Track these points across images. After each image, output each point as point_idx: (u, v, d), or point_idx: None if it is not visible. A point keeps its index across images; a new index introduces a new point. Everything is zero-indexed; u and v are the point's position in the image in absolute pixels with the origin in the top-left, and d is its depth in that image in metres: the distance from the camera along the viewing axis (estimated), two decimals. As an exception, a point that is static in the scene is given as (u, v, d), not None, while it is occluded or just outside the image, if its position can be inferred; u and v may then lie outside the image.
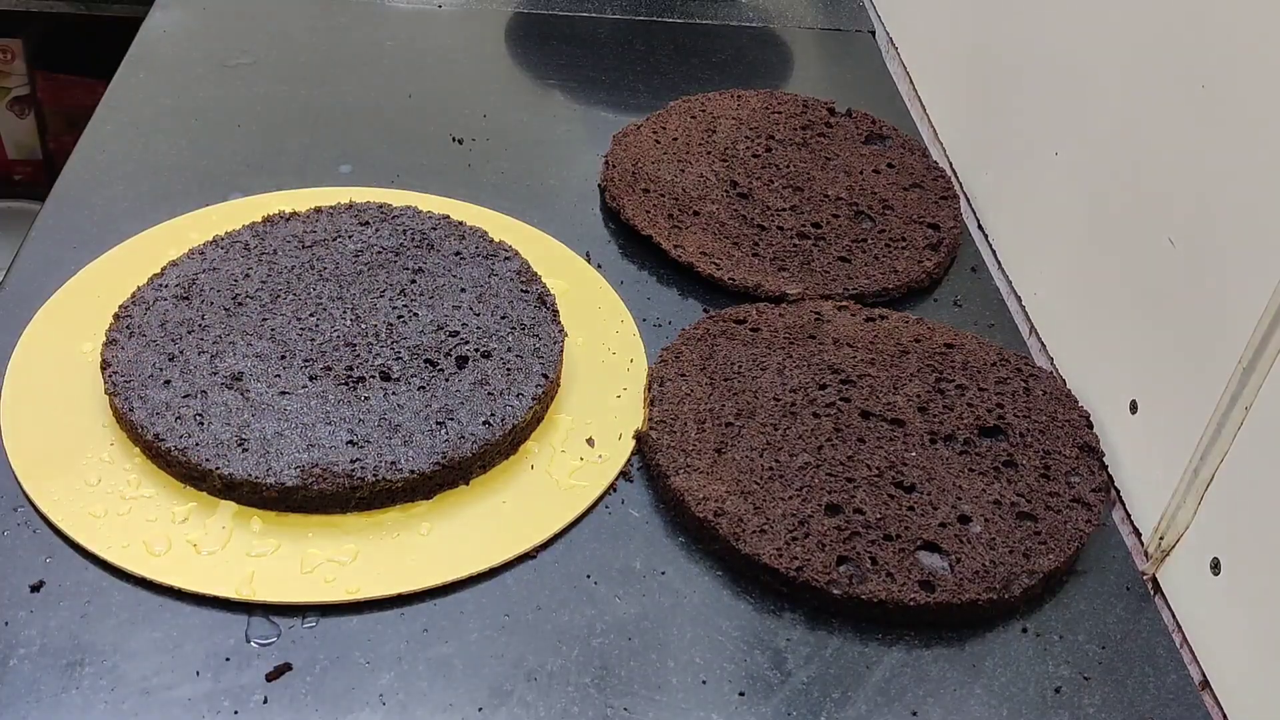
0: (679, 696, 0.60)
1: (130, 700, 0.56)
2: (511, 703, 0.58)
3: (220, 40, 1.05)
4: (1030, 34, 0.89)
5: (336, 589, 0.62)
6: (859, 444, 0.71)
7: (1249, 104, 0.63)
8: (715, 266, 0.84)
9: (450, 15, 1.15)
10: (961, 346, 0.78)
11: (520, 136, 0.98)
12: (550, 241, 0.86)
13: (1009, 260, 0.90)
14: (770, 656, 0.62)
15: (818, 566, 0.64)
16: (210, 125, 0.94)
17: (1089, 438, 0.73)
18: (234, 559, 0.62)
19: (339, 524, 0.65)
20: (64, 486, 0.65)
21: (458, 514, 0.66)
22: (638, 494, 0.69)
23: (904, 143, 0.99)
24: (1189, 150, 0.68)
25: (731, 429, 0.71)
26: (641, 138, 0.96)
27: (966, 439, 0.72)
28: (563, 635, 0.62)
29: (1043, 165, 0.85)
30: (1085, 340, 0.79)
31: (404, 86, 1.02)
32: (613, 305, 0.81)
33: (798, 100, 1.02)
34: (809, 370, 0.75)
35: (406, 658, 0.60)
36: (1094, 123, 0.79)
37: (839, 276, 0.84)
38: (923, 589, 0.63)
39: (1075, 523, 0.68)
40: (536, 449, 0.71)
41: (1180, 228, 0.69)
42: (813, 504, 0.67)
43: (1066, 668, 0.63)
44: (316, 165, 0.92)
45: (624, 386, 0.75)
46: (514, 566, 0.65)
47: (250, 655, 0.59)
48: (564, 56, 1.10)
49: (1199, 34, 0.67)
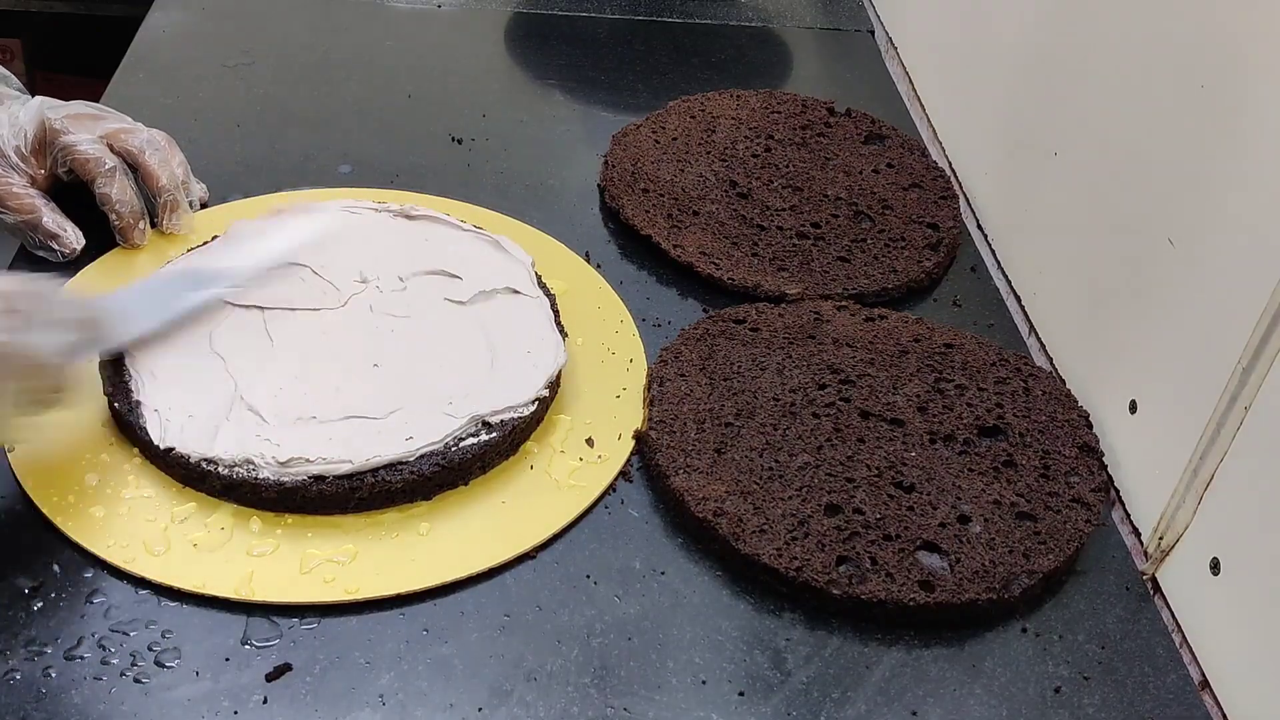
0: (679, 696, 0.60)
1: (130, 700, 0.56)
2: (511, 703, 0.58)
3: (220, 40, 1.05)
4: (1030, 34, 0.89)
5: (336, 589, 0.62)
6: (858, 444, 0.71)
7: (1249, 104, 0.63)
8: (715, 266, 0.84)
9: (450, 15, 1.15)
10: (961, 346, 0.78)
11: (520, 136, 0.98)
12: (550, 241, 0.86)
13: (1009, 260, 0.90)
14: (770, 656, 0.62)
15: (817, 566, 0.64)
16: (210, 125, 0.94)
17: (1088, 438, 0.73)
18: (233, 559, 0.62)
19: (338, 524, 0.65)
20: (63, 486, 0.65)
21: (457, 514, 0.66)
22: (637, 494, 0.69)
23: (904, 143, 0.99)
24: (1189, 150, 0.68)
25: (731, 429, 0.71)
26: (641, 138, 0.96)
27: (966, 439, 0.72)
28: (562, 635, 0.62)
29: (1043, 165, 0.85)
30: (1085, 340, 0.79)
31: (404, 86, 1.02)
32: (612, 305, 0.81)
33: (797, 100, 1.02)
34: (808, 370, 0.75)
35: (406, 658, 0.60)
36: (1094, 123, 0.79)
37: (838, 276, 0.84)
38: (922, 589, 0.63)
39: (1075, 523, 0.67)
40: (536, 449, 0.71)
41: (1180, 228, 0.69)
42: (812, 504, 0.67)
43: (1066, 668, 0.63)
44: (316, 165, 0.92)
45: (624, 386, 0.75)
46: (514, 566, 0.65)
47: (250, 655, 0.59)
48: (563, 56, 1.10)
49: (1199, 34, 0.67)
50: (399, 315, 0.75)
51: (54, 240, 0.77)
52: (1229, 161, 0.64)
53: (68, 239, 0.77)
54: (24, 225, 0.77)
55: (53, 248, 0.77)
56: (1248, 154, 0.63)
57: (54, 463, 0.66)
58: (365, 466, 0.64)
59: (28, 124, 0.78)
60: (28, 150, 0.77)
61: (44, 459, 0.66)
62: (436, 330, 0.74)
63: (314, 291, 0.75)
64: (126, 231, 0.79)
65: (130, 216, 0.78)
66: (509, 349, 0.73)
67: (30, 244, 0.78)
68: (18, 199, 0.76)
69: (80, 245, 0.78)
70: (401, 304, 0.75)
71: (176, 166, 0.81)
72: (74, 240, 0.77)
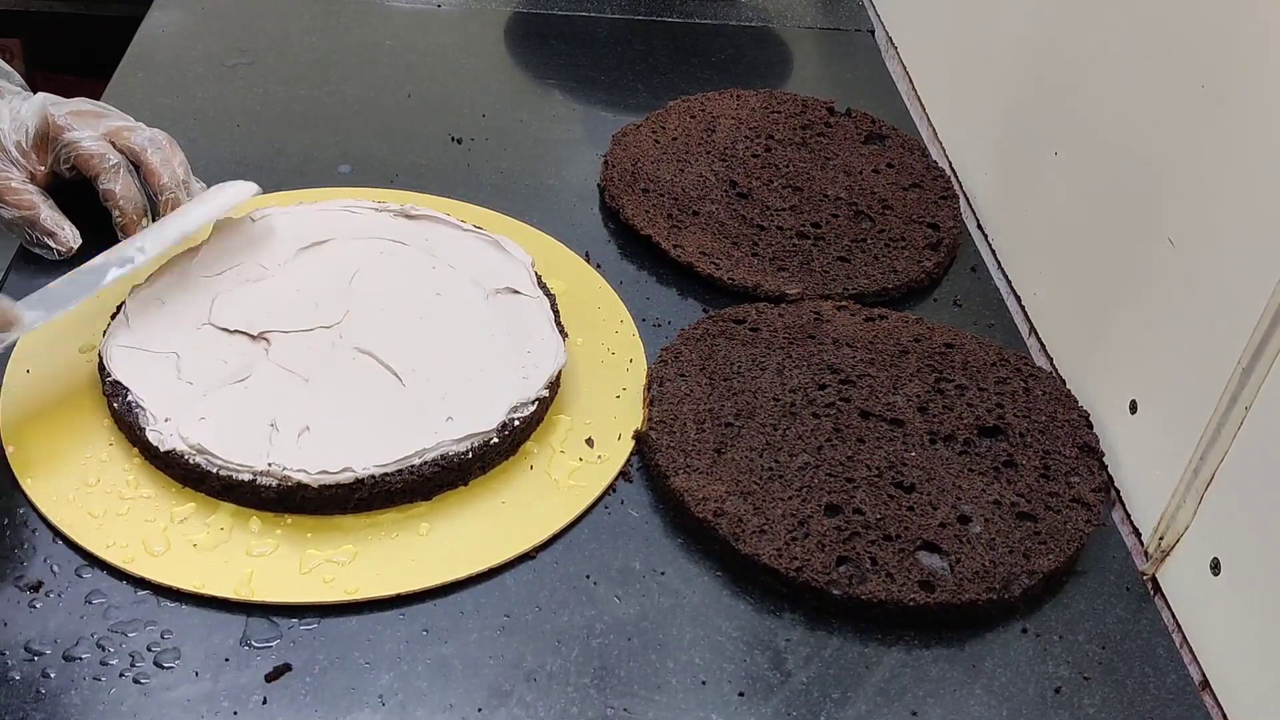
0: (679, 697, 0.60)
1: (129, 700, 0.56)
2: (511, 703, 0.58)
3: (219, 40, 1.05)
4: (1030, 34, 0.89)
5: (335, 589, 0.62)
6: (859, 444, 0.71)
7: (1249, 104, 0.63)
8: (715, 266, 0.84)
9: (450, 15, 1.15)
10: (961, 346, 0.78)
11: (520, 136, 0.98)
12: (550, 241, 0.86)
13: (1009, 260, 0.90)
14: (770, 657, 0.62)
15: (817, 567, 0.64)
16: (209, 125, 0.94)
17: (1089, 438, 0.73)
18: (233, 559, 0.62)
19: (338, 524, 0.65)
20: (63, 486, 0.65)
21: (457, 514, 0.66)
22: (637, 494, 0.69)
23: (904, 142, 0.99)
24: (1189, 150, 0.68)
25: (731, 429, 0.71)
26: (641, 137, 0.96)
27: (966, 439, 0.72)
28: (562, 635, 0.62)
29: (1043, 165, 0.85)
30: (1085, 340, 0.79)
31: (403, 86, 1.02)
32: (612, 305, 0.81)
33: (797, 100, 1.02)
34: (808, 370, 0.75)
35: (406, 658, 0.60)
36: (1094, 123, 0.79)
37: (838, 276, 0.84)
38: (922, 589, 0.63)
39: (1075, 523, 0.67)
40: (536, 449, 0.71)
41: (1180, 228, 0.68)
42: (812, 504, 0.67)
43: (1066, 668, 0.63)
44: (315, 165, 0.92)
45: (623, 386, 0.75)
46: (513, 567, 0.65)
47: (249, 656, 0.59)
48: (563, 56, 1.10)
49: (1199, 34, 0.67)
50: (399, 317, 0.75)
51: (51, 238, 0.77)
52: (1229, 161, 0.64)
53: (65, 237, 0.77)
54: (21, 221, 0.77)
55: (49, 245, 0.77)
56: (1248, 154, 0.63)
57: (53, 463, 0.66)
58: (364, 474, 0.64)
59: (29, 119, 0.78)
60: (28, 145, 0.77)
61: (44, 459, 0.66)
62: (437, 330, 0.74)
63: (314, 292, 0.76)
64: (129, 228, 0.79)
65: (134, 213, 0.78)
66: (509, 348, 0.73)
67: (28, 241, 0.78)
68: (16, 194, 0.76)
69: (76, 245, 0.77)
70: (402, 305, 0.75)
71: (178, 166, 0.81)
72: (71, 239, 0.77)
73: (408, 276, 0.77)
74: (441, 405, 0.68)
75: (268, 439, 0.65)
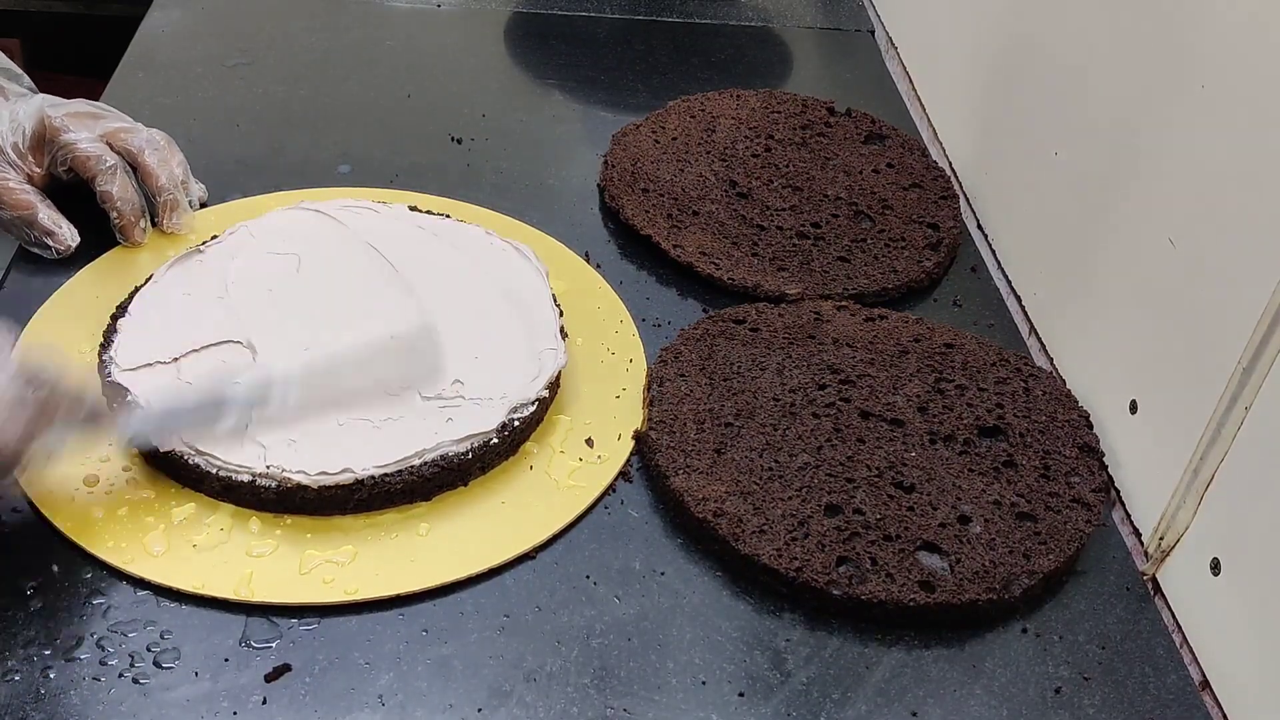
0: (678, 697, 0.60)
1: (129, 701, 0.56)
2: (511, 703, 0.58)
3: (219, 40, 1.05)
4: (1030, 34, 0.89)
5: (335, 590, 0.62)
6: (859, 444, 0.71)
7: (1249, 104, 0.63)
8: (714, 266, 0.84)
9: (450, 15, 1.15)
10: (961, 346, 0.78)
11: (520, 136, 0.98)
12: (549, 241, 0.86)
13: (1009, 260, 0.90)
14: (770, 657, 0.62)
15: (817, 567, 0.64)
16: (209, 125, 0.94)
17: (1089, 438, 0.73)
18: (232, 560, 0.62)
19: (337, 525, 0.65)
20: (63, 487, 0.65)
21: (457, 515, 0.66)
22: (637, 494, 0.69)
23: (904, 142, 0.98)
24: (1189, 150, 0.68)
25: (731, 429, 0.71)
26: (641, 137, 0.96)
27: (966, 439, 0.72)
28: (562, 636, 0.62)
29: (1043, 165, 0.85)
30: (1085, 340, 0.79)
31: (403, 86, 1.02)
32: (612, 305, 0.81)
33: (797, 100, 1.02)
34: (808, 370, 0.75)
35: (406, 658, 0.60)
36: (1094, 123, 0.79)
37: (838, 276, 0.84)
38: (922, 589, 0.63)
39: (1075, 523, 0.67)
40: (535, 449, 0.71)
41: (1180, 228, 0.68)
42: (812, 504, 0.67)
43: (1066, 668, 0.63)
44: (315, 165, 0.92)
45: (623, 387, 0.75)
46: (513, 567, 0.65)
47: (249, 656, 0.59)
48: (563, 56, 1.10)
49: (1199, 34, 0.67)
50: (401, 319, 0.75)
51: (49, 237, 0.77)
52: (1229, 161, 0.64)
53: (63, 236, 0.77)
54: (20, 221, 0.77)
55: (48, 244, 0.77)
56: (1248, 154, 0.63)
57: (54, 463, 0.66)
58: (364, 474, 0.64)
59: (26, 121, 0.78)
60: (25, 147, 0.77)
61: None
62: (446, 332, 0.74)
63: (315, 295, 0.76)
64: (127, 230, 0.79)
65: (131, 214, 0.78)
66: (508, 348, 0.73)
67: (26, 241, 0.78)
68: (14, 195, 0.76)
69: (75, 243, 0.78)
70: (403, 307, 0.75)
71: (176, 166, 0.81)
72: (69, 238, 0.77)
73: (414, 280, 0.77)
74: (443, 409, 0.68)
75: (269, 443, 0.65)
